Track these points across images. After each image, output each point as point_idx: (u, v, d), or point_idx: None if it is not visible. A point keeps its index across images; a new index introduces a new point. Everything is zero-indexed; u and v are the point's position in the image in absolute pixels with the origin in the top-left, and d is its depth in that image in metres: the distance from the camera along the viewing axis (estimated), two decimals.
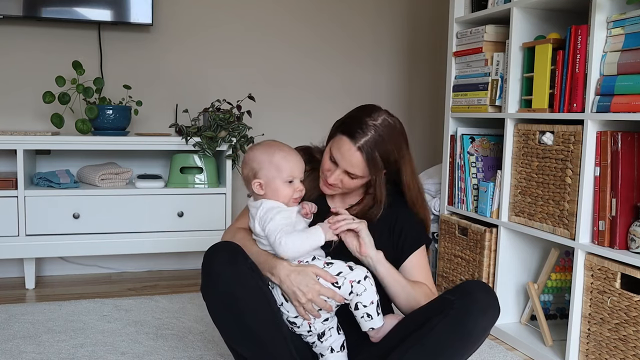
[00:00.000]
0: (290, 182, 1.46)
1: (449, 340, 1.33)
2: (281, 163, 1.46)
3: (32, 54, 2.72)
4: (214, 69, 2.97)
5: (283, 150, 1.48)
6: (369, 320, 1.41)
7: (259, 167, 1.46)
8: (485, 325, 1.35)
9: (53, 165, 2.74)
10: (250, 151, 1.50)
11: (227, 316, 1.40)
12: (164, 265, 2.95)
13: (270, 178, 1.45)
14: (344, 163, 1.49)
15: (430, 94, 3.33)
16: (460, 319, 1.32)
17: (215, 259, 1.40)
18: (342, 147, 1.48)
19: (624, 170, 1.70)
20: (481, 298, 1.34)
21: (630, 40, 1.66)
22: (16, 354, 1.85)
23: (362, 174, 1.50)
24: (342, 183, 1.52)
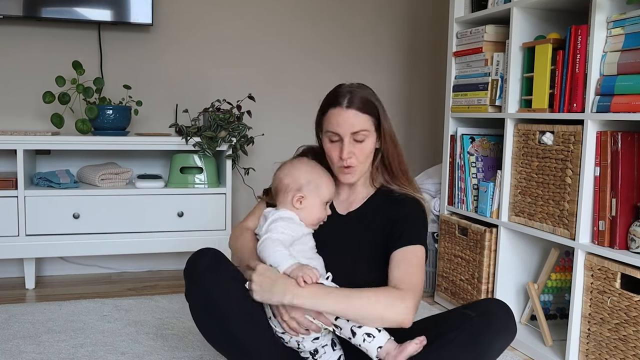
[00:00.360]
0: (326, 205, 1.54)
1: (464, 356, 1.31)
2: (326, 187, 1.52)
3: (32, 54, 2.72)
4: (213, 69, 2.97)
5: (327, 175, 1.55)
6: (372, 339, 1.35)
7: (306, 182, 1.51)
8: (502, 345, 1.34)
9: (53, 165, 2.74)
10: (298, 165, 1.54)
11: (209, 322, 1.42)
12: (164, 265, 2.95)
13: (312, 196, 1.50)
14: (345, 127, 1.48)
15: (430, 94, 3.33)
16: (478, 337, 1.31)
17: (197, 266, 1.42)
18: (333, 119, 1.50)
19: (624, 170, 1.70)
20: (501, 318, 1.34)
21: (630, 40, 1.66)
22: (16, 354, 1.85)
23: (364, 127, 1.49)
24: (355, 156, 1.50)
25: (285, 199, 1.51)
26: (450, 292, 2.40)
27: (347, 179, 1.53)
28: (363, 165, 1.53)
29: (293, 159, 1.58)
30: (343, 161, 1.50)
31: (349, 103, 1.48)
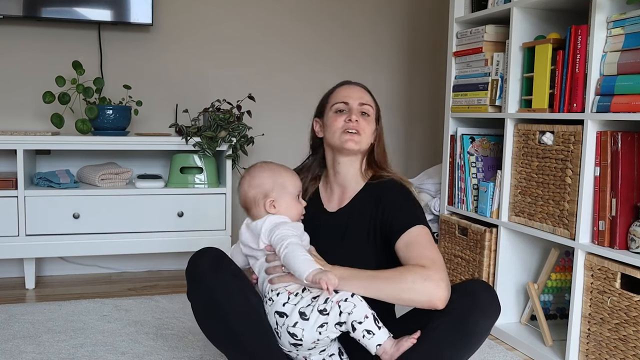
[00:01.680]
0: (298, 197, 1.55)
1: (451, 340, 1.33)
2: (289, 181, 1.54)
3: (32, 54, 2.72)
4: (213, 69, 2.97)
5: (287, 170, 1.57)
6: (372, 337, 1.35)
7: (270, 187, 1.51)
8: (487, 325, 1.35)
9: (53, 165, 2.74)
10: (254, 174, 1.54)
11: (211, 322, 1.43)
12: (164, 265, 2.95)
13: (282, 196, 1.51)
14: (354, 97, 1.59)
15: (430, 94, 3.33)
16: (462, 319, 1.32)
17: (198, 266, 1.44)
18: (342, 92, 1.61)
19: (624, 170, 1.70)
20: (483, 298, 1.35)
21: (630, 40, 1.66)
22: (16, 354, 1.85)
23: (371, 102, 1.61)
24: (360, 125, 1.56)
25: (259, 210, 1.52)
26: None
27: (352, 145, 1.56)
28: (364, 138, 1.58)
29: (247, 171, 1.58)
30: (350, 124, 1.55)
31: (357, 84, 1.65)
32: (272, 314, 1.43)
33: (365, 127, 1.57)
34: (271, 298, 1.44)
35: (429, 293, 1.33)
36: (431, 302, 1.34)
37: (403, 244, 1.45)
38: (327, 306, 1.36)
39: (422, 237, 1.45)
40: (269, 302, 1.44)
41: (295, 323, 1.39)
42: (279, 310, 1.41)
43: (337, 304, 1.35)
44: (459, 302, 1.34)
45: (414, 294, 1.34)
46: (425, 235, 1.46)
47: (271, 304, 1.44)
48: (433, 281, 1.34)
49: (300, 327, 1.38)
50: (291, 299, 1.42)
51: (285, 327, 1.40)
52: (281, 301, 1.42)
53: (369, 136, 1.60)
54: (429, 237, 1.47)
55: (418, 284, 1.33)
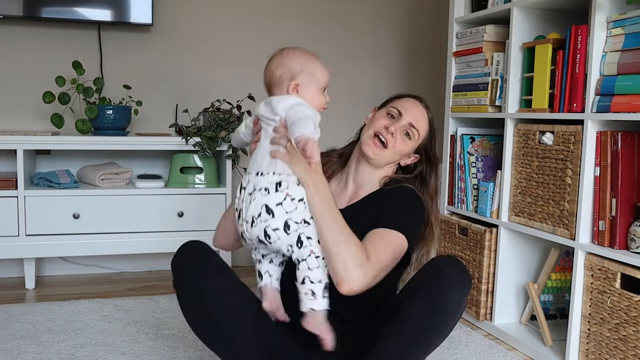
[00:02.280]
0: (323, 90, 1.49)
1: (425, 320, 1.33)
2: (320, 71, 1.48)
3: (32, 54, 2.72)
4: (213, 69, 2.97)
5: (320, 61, 1.51)
6: (313, 299, 1.38)
7: (299, 70, 1.45)
8: (459, 300, 1.34)
9: (53, 165, 2.74)
10: (286, 53, 1.50)
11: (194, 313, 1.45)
12: (164, 265, 2.95)
13: (308, 83, 1.45)
14: (411, 114, 1.57)
15: (430, 94, 3.32)
16: (433, 299, 1.31)
17: (181, 260, 1.47)
18: (406, 104, 1.60)
19: (624, 170, 1.70)
20: (451, 275, 1.34)
21: (630, 40, 1.66)
22: (16, 354, 1.85)
23: (422, 132, 1.59)
24: (395, 141, 1.54)
25: (280, 91, 1.46)
26: None
27: (369, 151, 1.55)
28: (389, 154, 1.56)
29: (279, 50, 1.52)
30: (386, 131, 1.54)
31: (426, 108, 1.63)
32: (259, 204, 1.39)
33: (397, 145, 1.55)
34: (267, 188, 1.39)
35: (347, 274, 1.33)
36: (340, 280, 1.34)
37: (370, 234, 1.44)
38: (304, 245, 1.38)
39: (388, 239, 1.43)
40: (263, 191, 1.40)
41: (276, 229, 1.38)
42: (270, 206, 1.38)
43: (312, 252, 1.38)
44: (427, 282, 1.34)
45: (339, 261, 1.34)
46: (393, 241, 1.44)
47: (264, 194, 1.40)
48: (360, 270, 1.34)
49: (278, 235, 1.38)
50: (286, 204, 1.39)
51: (265, 224, 1.38)
52: (276, 199, 1.39)
53: (397, 154, 1.57)
54: (395, 243, 1.44)
55: (349, 260, 1.34)
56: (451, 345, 2.03)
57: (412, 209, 1.54)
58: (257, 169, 1.44)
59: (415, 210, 1.55)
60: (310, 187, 1.39)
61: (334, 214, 1.40)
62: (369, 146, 1.55)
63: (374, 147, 1.55)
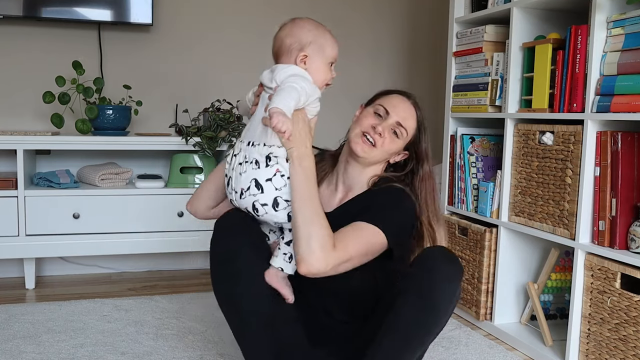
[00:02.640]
0: (330, 65, 1.47)
1: (418, 317, 1.32)
2: (330, 45, 1.46)
3: (32, 54, 2.72)
4: (213, 69, 2.97)
5: (331, 36, 1.48)
6: (287, 261, 1.44)
7: (309, 41, 1.43)
8: (450, 294, 1.32)
9: (53, 165, 2.74)
10: (298, 22, 1.48)
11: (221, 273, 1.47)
12: (164, 265, 2.95)
13: (316, 55, 1.43)
14: (397, 113, 1.53)
15: (430, 94, 3.33)
16: (425, 295, 1.30)
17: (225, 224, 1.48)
18: (394, 100, 1.55)
19: (624, 170, 1.70)
20: (442, 269, 1.32)
21: (630, 40, 1.66)
22: (16, 354, 1.85)
23: (410, 130, 1.55)
24: (383, 141, 1.51)
25: (288, 60, 1.44)
26: None
27: (358, 149, 1.52)
28: (378, 153, 1.53)
29: (294, 19, 1.50)
30: (373, 130, 1.51)
31: (414, 105, 1.58)
32: (249, 177, 1.39)
33: (386, 145, 1.52)
34: (258, 162, 1.39)
35: (309, 255, 1.33)
36: (300, 259, 1.34)
37: (348, 225, 1.42)
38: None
39: (363, 232, 1.41)
40: (252, 163, 1.39)
41: (265, 204, 1.39)
42: (259, 181, 1.38)
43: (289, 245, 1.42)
44: (418, 276, 1.32)
45: (304, 240, 1.34)
46: (368, 235, 1.41)
47: (254, 167, 1.39)
48: (322, 254, 1.33)
49: (266, 210, 1.39)
50: (276, 180, 1.38)
51: (254, 198, 1.39)
52: (266, 175, 1.38)
53: (385, 153, 1.54)
54: (370, 238, 1.41)
55: (314, 242, 1.33)
56: (451, 345, 2.03)
57: (397, 207, 1.50)
58: (250, 137, 1.43)
59: (400, 208, 1.50)
60: (295, 160, 1.38)
61: (311, 193, 1.38)
62: (358, 144, 1.52)
63: (363, 145, 1.52)
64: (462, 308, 2.31)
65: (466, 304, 2.29)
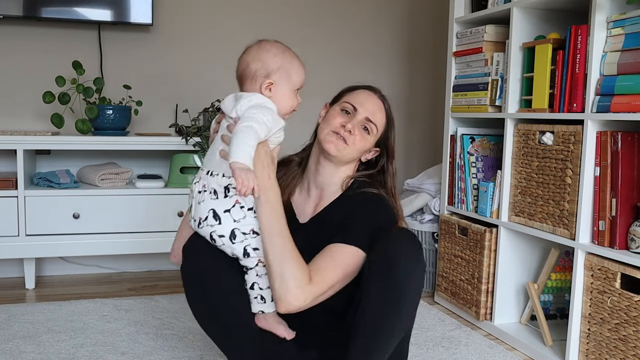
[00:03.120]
0: (296, 92, 1.44)
1: (384, 301, 1.29)
2: (296, 71, 1.42)
3: (32, 54, 2.72)
4: (214, 69, 2.97)
5: (298, 59, 1.44)
6: (262, 302, 1.40)
7: (276, 67, 1.39)
8: (410, 267, 1.29)
9: (53, 165, 2.74)
10: (265, 46, 1.42)
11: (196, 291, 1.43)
12: (164, 265, 2.95)
13: (282, 82, 1.39)
14: (366, 109, 1.50)
15: (430, 94, 3.33)
16: (385, 272, 1.28)
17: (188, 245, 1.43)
18: (361, 97, 1.52)
19: (624, 170, 1.70)
20: (399, 245, 1.30)
21: (630, 40, 1.66)
22: (16, 354, 1.85)
23: (380, 125, 1.52)
24: (354, 138, 1.48)
25: (253, 86, 1.39)
26: (450, 292, 2.40)
27: (331, 148, 1.48)
28: (350, 151, 1.49)
29: (257, 42, 1.44)
30: (343, 129, 1.47)
31: (381, 98, 1.55)
32: (207, 207, 1.35)
33: (357, 142, 1.49)
34: (216, 191, 1.35)
35: (285, 294, 1.32)
36: (277, 299, 1.34)
37: (324, 249, 1.40)
38: (250, 256, 1.36)
39: (341, 257, 1.38)
40: (211, 193, 1.36)
41: (222, 236, 1.36)
42: (217, 211, 1.35)
43: (259, 261, 1.37)
44: (376, 263, 1.30)
45: (278, 279, 1.32)
46: (346, 258, 1.38)
47: (213, 197, 1.36)
48: (299, 291, 1.31)
49: (223, 242, 1.36)
50: (234, 212, 1.35)
51: (211, 228, 1.36)
52: (225, 206, 1.35)
53: (358, 151, 1.51)
54: (348, 260, 1.38)
55: (290, 281, 1.31)
56: (451, 345, 2.03)
57: (375, 217, 1.46)
58: (209, 166, 1.40)
59: (378, 218, 1.46)
60: (260, 195, 1.32)
61: (281, 228, 1.34)
62: (331, 143, 1.48)
63: (336, 143, 1.48)
64: (462, 308, 2.31)
65: (466, 304, 2.29)
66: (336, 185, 1.54)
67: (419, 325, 2.19)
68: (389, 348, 1.36)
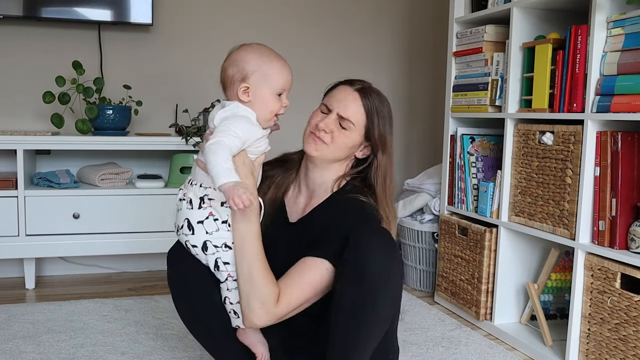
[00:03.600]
0: (279, 95, 1.37)
1: (358, 296, 1.26)
2: (276, 73, 1.35)
3: (32, 54, 2.72)
4: (214, 69, 2.94)
5: (280, 60, 1.38)
6: (235, 317, 1.41)
7: (252, 70, 1.33)
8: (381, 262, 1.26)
9: (53, 165, 2.74)
10: (242, 51, 1.37)
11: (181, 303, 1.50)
12: (164, 265, 2.91)
13: (260, 86, 1.34)
14: (339, 105, 1.45)
15: (430, 94, 3.33)
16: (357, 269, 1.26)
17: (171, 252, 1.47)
18: (337, 92, 1.48)
19: (624, 170, 1.70)
20: (369, 242, 1.27)
21: (630, 40, 1.66)
22: (16, 354, 1.85)
23: (355, 121, 1.44)
24: (332, 136, 1.43)
25: (231, 92, 1.35)
26: (450, 292, 2.40)
27: (310, 149, 1.45)
28: (332, 150, 1.45)
29: (241, 45, 1.41)
30: (318, 129, 1.44)
31: (360, 89, 1.47)
32: (183, 216, 1.36)
33: (337, 139, 1.44)
34: (192, 201, 1.35)
35: (250, 313, 1.33)
36: (244, 316, 1.35)
37: (297, 264, 1.37)
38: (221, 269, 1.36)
39: (312, 273, 1.35)
40: (188, 203, 1.36)
41: (195, 247, 1.37)
42: (191, 221, 1.35)
43: (229, 276, 1.37)
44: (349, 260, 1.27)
45: (245, 298, 1.33)
46: (314, 276, 1.35)
47: (188, 207, 1.36)
48: (263, 311, 1.32)
49: (197, 252, 1.37)
50: (207, 223, 1.34)
51: (185, 237, 1.37)
52: (199, 217, 1.34)
53: (341, 149, 1.46)
54: (319, 276, 1.35)
55: (255, 301, 1.31)
56: (451, 345, 2.03)
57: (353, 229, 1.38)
58: (191, 175, 1.40)
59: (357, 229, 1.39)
60: (237, 211, 1.28)
61: (254, 246, 1.33)
62: (310, 144, 1.45)
63: (314, 144, 1.45)
64: (462, 308, 2.31)
65: (466, 304, 2.29)
66: (327, 185, 1.51)
67: (419, 326, 2.19)
68: (369, 345, 1.34)
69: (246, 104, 1.35)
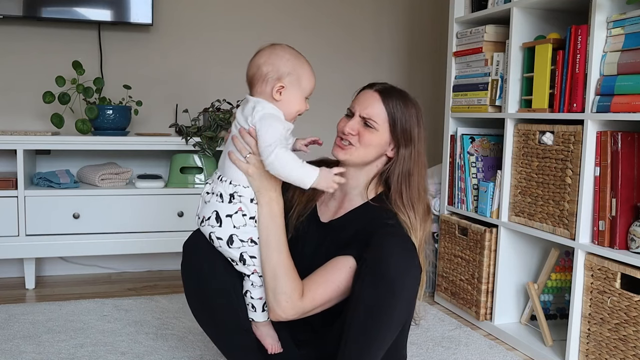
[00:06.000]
0: (306, 98, 1.44)
1: (375, 296, 1.29)
2: (308, 78, 1.42)
3: (32, 54, 2.72)
4: (214, 69, 2.97)
5: (310, 65, 1.45)
6: (252, 310, 1.45)
7: (287, 71, 1.39)
8: (402, 266, 1.29)
9: (53, 165, 2.74)
10: (279, 50, 1.42)
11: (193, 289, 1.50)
12: (164, 265, 2.95)
13: (293, 87, 1.40)
14: (360, 107, 1.49)
15: (430, 94, 3.33)
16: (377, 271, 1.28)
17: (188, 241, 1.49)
18: (359, 97, 1.53)
19: (624, 170, 1.70)
20: (389, 244, 1.30)
21: (630, 40, 1.66)
22: (16, 354, 1.85)
23: (377, 119, 1.47)
24: (359, 137, 1.47)
25: (263, 89, 1.39)
26: (450, 292, 2.40)
27: (340, 154, 1.50)
28: (361, 152, 1.48)
29: (269, 45, 1.45)
30: (344, 133, 1.49)
31: (381, 89, 1.50)
32: (211, 208, 1.39)
33: (363, 139, 1.47)
34: (222, 195, 1.39)
35: (276, 306, 1.38)
36: (270, 309, 1.40)
37: (327, 263, 1.41)
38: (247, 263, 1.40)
39: (337, 271, 1.39)
40: (218, 196, 1.39)
41: (220, 239, 1.39)
42: (220, 214, 1.38)
43: (255, 271, 1.41)
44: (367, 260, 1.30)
45: (271, 292, 1.38)
46: (340, 276, 1.38)
47: (218, 200, 1.39)
48: (289, 305, 1.37)
49: (221, 244, 1.40)
50: (236, 218, 1.38)
51: (212, 229, 1.39)
52: (228, 210, 1.38)
53: (370, 150, 1.49)
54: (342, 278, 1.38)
55: (281, 295, 1.37)
56: (451, 345, 2.03)
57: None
58: (220, 170, 1.43)
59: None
60: (264, 205, 1.38)
61: (279, 241, 1.39)
62: (338, 150, 1.50)
63: (341, 149, 1.49)
64: (462, 308, 2.31)
65: (466, 304, 2.29)
66: (360, 188, 1.54)
67: (419, 325, 2.19)
68: (381, 347, 1.36)
69: (275, 102, 1.39)
